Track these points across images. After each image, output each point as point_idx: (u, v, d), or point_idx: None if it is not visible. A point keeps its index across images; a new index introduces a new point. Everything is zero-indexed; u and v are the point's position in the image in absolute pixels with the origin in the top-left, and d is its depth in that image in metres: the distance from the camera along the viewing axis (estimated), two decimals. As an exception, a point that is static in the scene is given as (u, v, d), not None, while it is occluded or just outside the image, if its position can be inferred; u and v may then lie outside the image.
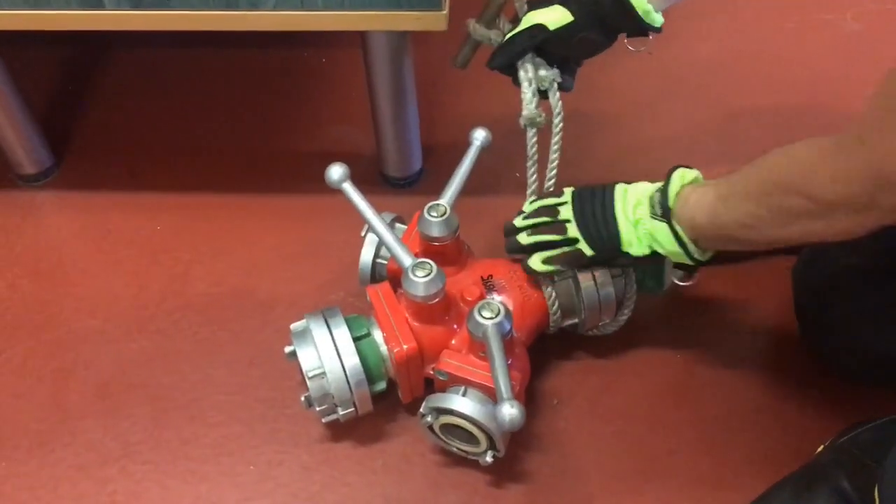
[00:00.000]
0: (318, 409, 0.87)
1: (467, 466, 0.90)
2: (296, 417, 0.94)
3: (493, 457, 0.86)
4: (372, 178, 1.16)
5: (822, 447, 0.87)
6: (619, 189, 0.86)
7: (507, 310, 0.83)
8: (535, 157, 0.94)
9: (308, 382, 0.86)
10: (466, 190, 0.96)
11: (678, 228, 0.81)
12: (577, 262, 0.88)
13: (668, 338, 1.00)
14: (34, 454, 0.93)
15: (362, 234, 0.96)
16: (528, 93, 0.91)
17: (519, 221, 0.90)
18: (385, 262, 0.96)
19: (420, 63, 1.06)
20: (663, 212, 0.81)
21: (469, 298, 0.89)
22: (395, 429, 0.93)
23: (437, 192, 0.99)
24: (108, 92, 1.33)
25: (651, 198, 0.83)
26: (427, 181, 1.17)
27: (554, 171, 0.94)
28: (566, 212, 0.87)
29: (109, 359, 1.01)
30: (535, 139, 0.94)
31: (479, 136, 0.98)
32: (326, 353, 0.85)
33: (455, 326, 0.88)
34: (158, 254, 1.11)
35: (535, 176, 0.95)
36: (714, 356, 0.98)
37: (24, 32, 0.93)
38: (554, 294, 0.91)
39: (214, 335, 1.02)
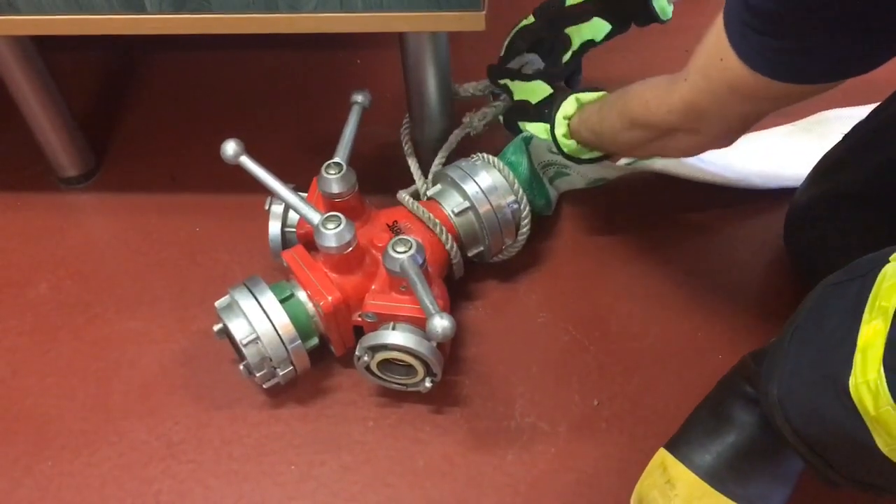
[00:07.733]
0: (257, 375, 0.90)
1: (509, 467, 0.90)
2: (336, 418, 0.95)
3: (432, 382, 0.91)
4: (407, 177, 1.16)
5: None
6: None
7: (417, 242, 0.88)
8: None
9: (244, 350, 0.89)
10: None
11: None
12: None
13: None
14: (80, 454, 0.94)
15: (266, 207, 1.00)
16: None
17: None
18: (293, 230, 1.00)
19: (453, 62, 1.06)
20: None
21: (380, 244, 0.93)
22: (434, 431, 0.94)
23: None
24: (148, 95, 1.34)
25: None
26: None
27: None
28: None
29: (152, 359, 1.02)
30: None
31: (358, 98, 1.07)
32: (256, 318, 0.89)
33: (371, 272, 0.93)
34: (198, 255, 1.12)
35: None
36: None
37: (65, 37, 0.94)
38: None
39: (255, 336, 1.03)
